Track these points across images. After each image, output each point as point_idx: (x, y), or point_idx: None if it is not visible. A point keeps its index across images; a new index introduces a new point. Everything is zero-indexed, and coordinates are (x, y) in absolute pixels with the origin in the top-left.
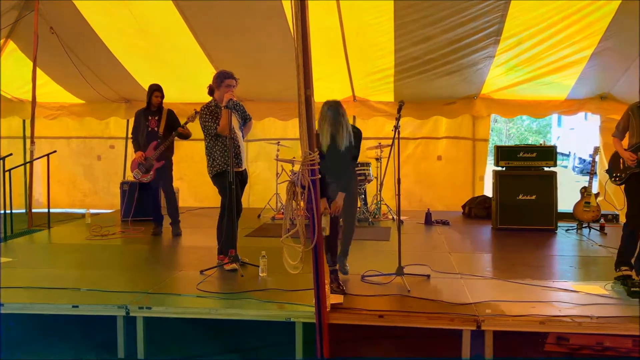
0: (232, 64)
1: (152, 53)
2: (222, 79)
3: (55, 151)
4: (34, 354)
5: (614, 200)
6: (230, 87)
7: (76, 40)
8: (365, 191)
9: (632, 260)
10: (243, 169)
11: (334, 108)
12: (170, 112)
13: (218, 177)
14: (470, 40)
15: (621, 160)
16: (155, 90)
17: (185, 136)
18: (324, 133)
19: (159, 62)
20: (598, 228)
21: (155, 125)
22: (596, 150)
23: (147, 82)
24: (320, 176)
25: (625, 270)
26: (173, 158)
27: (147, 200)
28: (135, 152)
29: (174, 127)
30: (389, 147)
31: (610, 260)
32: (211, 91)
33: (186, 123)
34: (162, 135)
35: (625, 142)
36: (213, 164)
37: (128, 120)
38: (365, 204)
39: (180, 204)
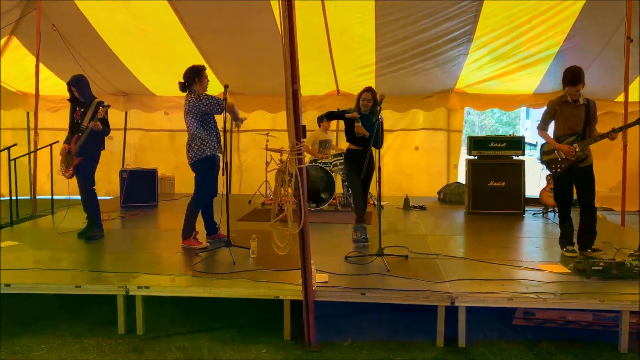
0: (225, 61)
1: (149, 49)
2: (203, 71)
3: (58, 141)
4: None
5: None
6: (207, 78)
7: (77, 37)
8: None
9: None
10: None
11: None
12: (100, 105)
13: (206, 161)
14: (445, 39)
15: (556, 152)
16: (68, 84)
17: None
18: None
19: (156, 58)
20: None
21: (80, 117)
22: None
23: (144, 77)
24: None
25: (570, 249)
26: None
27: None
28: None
29: (98, 120)
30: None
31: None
32: (184, 87)
33: (99, 119)
34: (85, 129)
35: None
36: (201, 147)
37: (126, 113)
38: (348, 190)
39: (177, 190)
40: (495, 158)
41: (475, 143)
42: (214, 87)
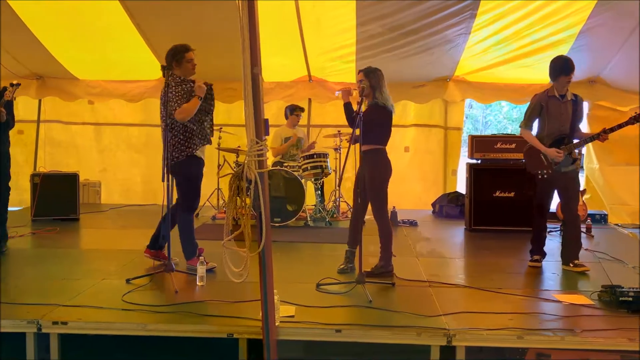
0: (167, 37)
1: (70, 21)
2: (183, 53)
3: None
4: None
5: (603, 198)
6: (192, 62)
7: None
8: (322, 186)
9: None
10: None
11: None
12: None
13: (189, 163)
14: (442, 15)
15: (542, 155)
16: None
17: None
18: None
19: (79, 33)
20: (584, 230)
21: None
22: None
23: (64, 55)
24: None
25: (536, 259)
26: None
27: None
28: None
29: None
30: (350, 136)
31: (598, 266)
32: (164, 71)
33: (6, 102)
34: None
35: None
36: (188, 145)
37: (40, 101)
38: (322, 201)
39: (104, 200)
40: (502, 162)
41: (479, 143)
42: (154, 70)
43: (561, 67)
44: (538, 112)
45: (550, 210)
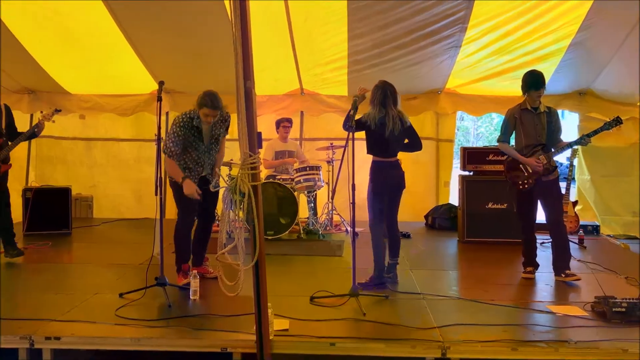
0: (160, 50)
1: (61, 36)
2: (202, 106)
3: None
4: None
5: (594, 209)
6: (207, 118)
7: None
8: (315, 199)
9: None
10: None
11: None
12: (7, 108)
13: (172, 185)
14: (433, 28)
15: (521, 166)
16: None
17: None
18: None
19: (72, 47)
20: (577, 241)
21: None
22: (574, 152)
23: (55, 69)
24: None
25: (529, 270)
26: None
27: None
28: None
29: (11, 125)
30: (343, 149)
31: (591, 277)
32: None
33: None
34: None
35: None
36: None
37: (32, 115)
38: (315, 214)
39: (95, 215)
40: (495, 174)
41: (471, 155)
42: (146, 84)
43: (532, 82)
44: (513, 125)
45: (542, 222)
